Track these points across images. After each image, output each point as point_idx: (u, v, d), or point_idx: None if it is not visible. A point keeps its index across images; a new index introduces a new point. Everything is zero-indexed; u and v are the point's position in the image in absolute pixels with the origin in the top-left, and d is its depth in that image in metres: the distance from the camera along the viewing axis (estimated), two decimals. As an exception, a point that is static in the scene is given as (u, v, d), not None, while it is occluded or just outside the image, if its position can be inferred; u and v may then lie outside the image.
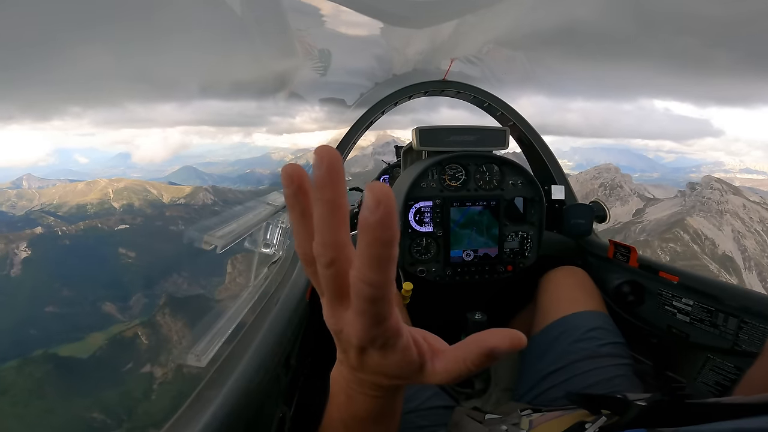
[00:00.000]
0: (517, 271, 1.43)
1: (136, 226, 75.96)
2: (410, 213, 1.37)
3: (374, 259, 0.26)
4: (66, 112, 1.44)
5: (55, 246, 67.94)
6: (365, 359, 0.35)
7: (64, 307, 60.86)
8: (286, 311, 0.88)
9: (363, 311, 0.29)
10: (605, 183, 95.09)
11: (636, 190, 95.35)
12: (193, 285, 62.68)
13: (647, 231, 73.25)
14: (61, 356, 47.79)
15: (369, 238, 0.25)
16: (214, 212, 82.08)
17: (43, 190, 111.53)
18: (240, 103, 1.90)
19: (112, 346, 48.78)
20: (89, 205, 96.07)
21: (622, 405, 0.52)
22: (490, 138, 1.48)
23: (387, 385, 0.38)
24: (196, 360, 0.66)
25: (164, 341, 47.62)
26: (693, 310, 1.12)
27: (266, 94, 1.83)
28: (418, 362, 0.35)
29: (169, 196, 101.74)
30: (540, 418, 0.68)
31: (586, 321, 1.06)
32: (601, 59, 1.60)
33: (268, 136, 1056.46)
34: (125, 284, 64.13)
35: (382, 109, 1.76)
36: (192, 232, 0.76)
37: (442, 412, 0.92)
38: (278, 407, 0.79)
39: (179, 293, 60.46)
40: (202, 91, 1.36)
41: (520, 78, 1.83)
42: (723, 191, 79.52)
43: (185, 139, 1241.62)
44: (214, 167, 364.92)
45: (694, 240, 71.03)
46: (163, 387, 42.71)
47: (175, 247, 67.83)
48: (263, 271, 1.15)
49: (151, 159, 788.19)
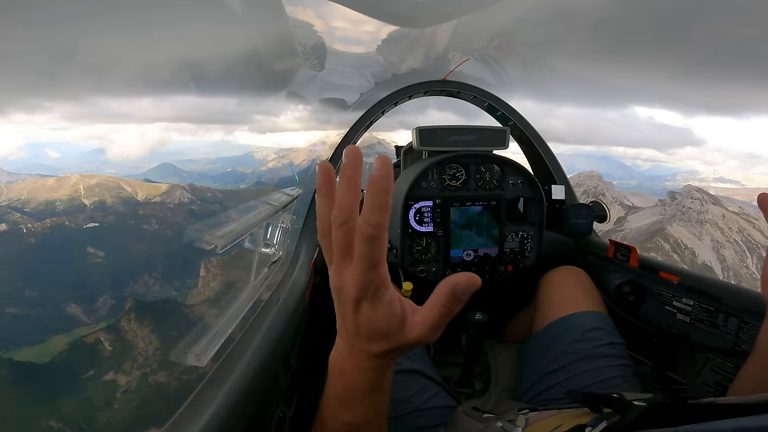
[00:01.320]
0: (517, 271, 1.43)
1: (107, 224, 73.24)
2: (410, 213, 1.35)
3: (376, 204, 0.37)
4: (33, 104, 1.35)
5: (19, 243, 65.36)
6: (359, 316, 0.43)
7: (26, 308, 58.09)
8: (286, 311, 0.88)
9: (362, 254, 0.39)
10: (588, 190, 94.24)
11: (617, 198, 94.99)
12: (164, 287, 60.54)
13: (628, 239, 72.03)
14: (20, 360, 45.58)
15: (374, 188, 0.36)
16: (191, 211, 78.94)
17: (12, 185, 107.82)
18: (222, 100, 1.85)
19: (75, 350, 46.66)
20: (58, 201, 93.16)
21: (623, 405, 0.52)
22: (491, 138, 1.49)
23: (377, 352, 0.46)
24: (196, 360, 0.64)
25: (129, 348, 45.44)
26: (693, 310, 1.12)
27: (256, 92, 1.79)
28: (401, 315, 0.44)
29: (144, 194, 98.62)
30: (536, 416, 0.68)
31: (586, 321, 1.07)
32: (595, 61, 1.61)
33: (251, 135, 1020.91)
34: (92, 285, 61.63)
35: (383, 109, 1.76)
36: (192, 231, 0.74)
37: (442, 412, 0.92)
38: (278, 407, 0.79)
39: (148, 296, 58.31)
40: (182, 85, 1.31)
41: (515, 80, 1.86)
42: (703, 201, 79.63)
43: (164, 135, 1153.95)
44: (193, 165, 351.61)
45: (674, 249, 71.09)
46: (126, 395, 40.68)
47: (147, 248, 65.37)
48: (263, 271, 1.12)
49: (127, 155, 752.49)
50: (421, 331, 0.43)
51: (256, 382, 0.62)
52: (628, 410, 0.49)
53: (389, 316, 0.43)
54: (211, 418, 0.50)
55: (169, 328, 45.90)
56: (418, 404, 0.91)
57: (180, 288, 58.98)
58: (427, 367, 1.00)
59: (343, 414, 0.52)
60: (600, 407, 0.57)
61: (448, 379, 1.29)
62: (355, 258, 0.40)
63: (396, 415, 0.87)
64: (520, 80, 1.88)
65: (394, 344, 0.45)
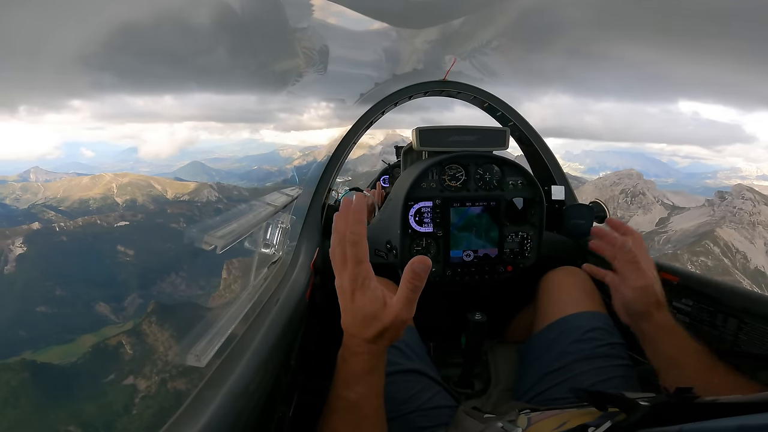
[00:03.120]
0: (517, 271, 1.43)
1: (136, 223, 73.77)
2: (410, 213, 1.36)
3: (355, 220, 0.59)
4: (67, 105, 1.41)
5: (51, 243, 65.86)
6: (354, 305, 0.62)
7: (56, 306, 59.06)
8: (286, 311, 0.88)
9: (351, 255, 0.60)
10: (627, 189, 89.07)
11: (658, 197, 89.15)
12: (190, 287, 61.16)
13: (673, 242, 68.12)
14: (44, 361, 46.19)
15: (353, 216, 0.60)
16: (217, 210, 79.82)
17: (49, 184, 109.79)
18: (248, 99, 1.88)
19: (103, 349, 47.13)
20: (92, 200, 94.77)
21: (628, 404, 0.52)
22: (490, 138, 1.48)
23: (370, 336, 0.62)
24: (195, 360, 0.64)
25: (150, 349, 45.85)
26: (693, 310, 1.12)
27: (270, 91, 1.80)
28: (382, 298, 0.62)
29: (173, 192, 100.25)
30: (538, 416, 0.68)
31: (586, 321, 1.07)
32: (644, 47, 1.46)
33: (276, 133, 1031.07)
34: (120, 284, 62.22)
35: (383, 109, 1.76)
36: (192, 231, 0.75)
37: (442, 412, 0.93)
38: (278, 407, 0.79)
39: (175, 295, 58.97)
40: (203, 86, 1.34)
41: (545, 77, 1.79)
42: (755, 202, 73.82)
43: (192, 134, 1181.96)
44: (221, 163, 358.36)
45: (725, 253, 67.01)
46: (145, 401, 40.56)
47: (174, 246, 65.87)
48: (263, 271, 1.14)
49: (158, 154, 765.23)
50: (397, 307, 0.61)
51: (256, 382, 0.62)
52: (634, 409, 0.49)
53: (374, 300, 0.61)
54: (211, 419, 0.50)
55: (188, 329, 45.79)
56: (419, 404, 0.92)
57: (205, 287, 59.16)
58: (428, 367, 1.01)
59: (345, 392, 0.66)
60: (605, 405, 0.57)
61: (448, 379, 1.29)
62: (347, 260, 0.61)
63: (397, 415, 0.88)
64: (558, 73, 1.81)
65: (381, 325, 0.61)
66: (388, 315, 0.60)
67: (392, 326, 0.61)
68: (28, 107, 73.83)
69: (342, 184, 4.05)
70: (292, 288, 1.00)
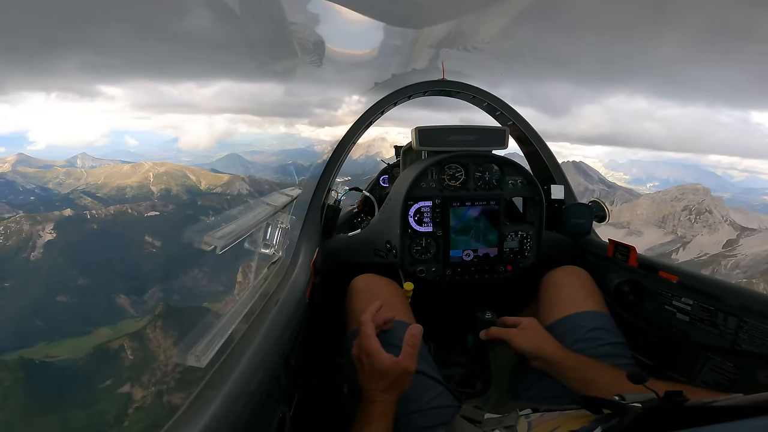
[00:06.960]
0: (516, 270, 1.43)
1: (166, 213, 71.23)
2: (410, 213, 1.36)
3: (364, 334, 0.90)
4: (114, 94, 1.40)
5: (81, 230, 63.58)
6: (364, 368, 0.87)
7: (76, 296, 56.54)
8: (286, 311, 0.88)
9: (361, 333, 0.90)
10: (690, 206, 78.49)
11: (726, 216, 77.11)
12: (212, 282, 59.25)
13: (742, 267, 57.36)
14: (56, 354, 45.15)
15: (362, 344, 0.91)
16: (246, 204, 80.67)
17: (92, 170, 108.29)
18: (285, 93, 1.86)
19: (119, 345, 45.05)
20: (129, 188, 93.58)
21: (621, 408, 0.52)
22: (490, 138, 1.48)
23: (381, 388, 0.85)
24: (195, 361, 0.64)
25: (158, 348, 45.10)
26: (693, 309, 1.12)
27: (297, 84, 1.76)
28: (388, 360, 0.84)
29: (206, 183, 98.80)
30: (539, 419, 0.68)
31: (588, 321, 1.07)
32: None
33: (312, 128, 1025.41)
34: (143, 276, 59.84)
35: (382, 109, 1.76)
36: (192, 232, 0.75)
37: (443, 412, 0.93)
38: (278, 407, 0.79)
39: (194, 292, 57.59)
40: None
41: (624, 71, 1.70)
42: None
43: (230, 126, 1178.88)
44: (258, 156, 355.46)
45: None
46: (138, 413, 39.16)
47: (200, 239, 64.47)
48: (263, 271, 1.14)
49: (196, 145, 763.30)
50: (402, 361, 0.85)
51: (256, 382, 0.62)
52: (626, 413, 0.50)
53: (378, 363, 0.84)
54: (211, 419, 0.50)
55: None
56: (420, 404, 0.92)
57: (227, 284, 57.48)
58: (429, 368, 1.01)
59: (363, 429, 0.81)
60: (600, 409, 0.58)
61: (449, 378, 1.30)
62: (359, 339, 0.89)
63: (398, 415, 0.88)
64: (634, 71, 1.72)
65: (388, 380, 0.84)
66: (396, 368, 0.84)
67: (400, 379, 0.84)
68: (80, 95, 74.42)
69: (342, 184, 4.03)
70: (292, 288, 1.00)
